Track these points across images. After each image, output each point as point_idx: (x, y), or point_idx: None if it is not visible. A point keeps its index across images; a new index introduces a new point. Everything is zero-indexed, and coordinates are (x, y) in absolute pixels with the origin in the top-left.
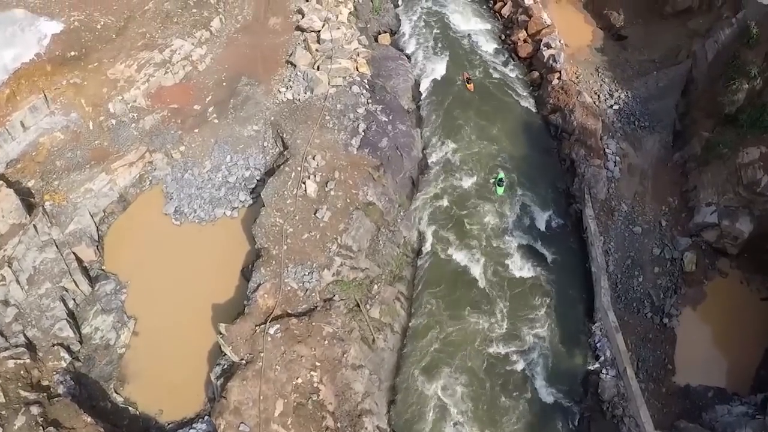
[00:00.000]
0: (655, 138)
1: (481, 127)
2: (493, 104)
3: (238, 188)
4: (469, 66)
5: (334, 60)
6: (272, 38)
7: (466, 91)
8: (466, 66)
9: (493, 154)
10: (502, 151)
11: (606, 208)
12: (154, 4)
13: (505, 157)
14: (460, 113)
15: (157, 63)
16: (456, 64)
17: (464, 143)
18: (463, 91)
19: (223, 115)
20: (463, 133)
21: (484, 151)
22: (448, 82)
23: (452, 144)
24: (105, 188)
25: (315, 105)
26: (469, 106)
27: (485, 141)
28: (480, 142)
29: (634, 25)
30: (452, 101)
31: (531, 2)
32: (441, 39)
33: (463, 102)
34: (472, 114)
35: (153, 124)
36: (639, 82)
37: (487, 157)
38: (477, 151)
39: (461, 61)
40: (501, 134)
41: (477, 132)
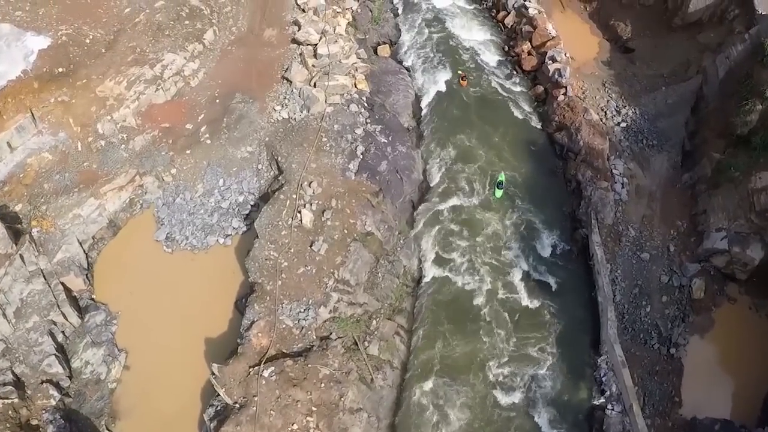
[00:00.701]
0: (664, 157)
1: (484, 146)
2: (497, 121)
3: (232, 214)
4: (472, 79)
5: (332, 76)
6: (267, 51)
7: (465, 99)
8: (468, 77)
9: (496, 175)
10: (506, 171)
11: (613, 233)
12: (145, 16)
13: (510, 177)
14: (462, 131)
15: (148, 79)
16: (457, 76)
17: (466, 163)
18: (465, 107)
19: (216, 135)
20: (466, 152)
21: (488, 172)
22: (449, 97)
23: (454, 164)
24: (94, 214)
25: (311, 125)
26: (472, 124)
27: (488, 161)
28: (483, 162)
29: (642, 37)
30: (454, 118)
31: (535, 12)
32: (442, 50)
33: (465, 119)
34: (474, 132)
35: (143, 145)
36: (647, 98)
37: (490, 178)
38: (480, 172)
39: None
40: (505, 153)
41: (480, 151)
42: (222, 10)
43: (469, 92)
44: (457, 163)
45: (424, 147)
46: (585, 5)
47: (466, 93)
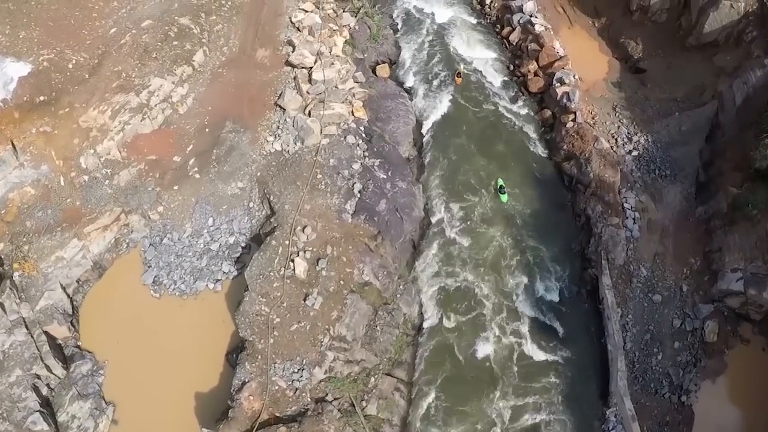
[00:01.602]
0: (677, 189)
1: (488, 177)
2: (502, 149)
3: (222, 258)
4: (475, 102)
5: (327, 104)
6: (260, 74)
7: (468, 124)
8: (469, 101)
9: (500, 209)
10: (511, 204)
11: (624, 273)
12: (131, 37)
13: (514, 210)
14: (465, 160)
15: (134, 108)
16: (460, 100)
17: (470, 195)
18: (468, 134)
19: (205, 169)
20: (469, 184)
21: (492, 205)
22: (451, 122)
23: (457, 197)
24: (77, 256)
25: (305, 159)
26: (476, 152)
27: (492, 193)
28: (487, 194)
29: (654, 56)
30: (456, 146)
31: (542, 29)
32: (444, 70)
33: (468, 147)
34: (478, 160)
35: (129, 180)
36: (660, 124)
37: (494, 209)
38: (483, 205)
39: (466, 97)
40: (511, 185)
41: (484, 182)
42: (213, 29)
43: (472, 117)
44: (459, 196)
45: (425, 179)
46: (593, 21)
47: (469, 119)
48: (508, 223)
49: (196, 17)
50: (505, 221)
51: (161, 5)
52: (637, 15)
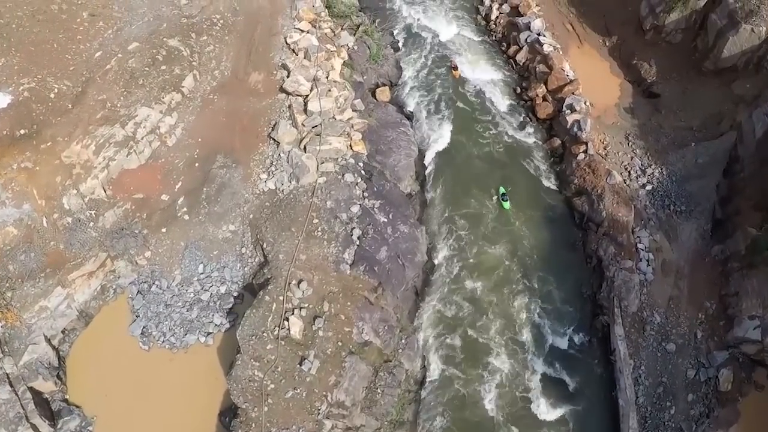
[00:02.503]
0: (692, 226)
1: (494, 213)
2: (509, 181)
3: (213, 309)
4: (481, 129)
5: (324, 138)
6: (253, 102)
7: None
8: (474, 127)
9: (507, 247)
10: (518, 242)
11: (637, 321)
12: (117, 62)
13: (521, 250)
14: (469, 195)
15: (119, 141)
16: (464, 126)
17: (474, 235)
18: (472, 165)
19: (195, 210)
20: (473, 221)
21: (497, 244)
22: (455, 152)
23: (460, 237)
24: (62, 306)
25: (301, 201)
26: (481, 185)
27: (498, 230)
28: (493, 232)
29: (669, 80)
30: (460, 179)
31: (550, 49)
32: (447, 92)
33: (472, 179)
34: (483, 195)
35: (114, 221)
36: (675, 155)
37: (500, 250)
38: (489, 244)
39: (470, 124)
40: (517, 221)
41: (489, 219)
42: (204, 50)
43: (477, 146)
44: (463, 236)
45: (427, 217)
46: (604, 39)
47: (474, 148)
48: (515, 265)
49: (186, 38)
50: (513, 262)
51: (149, 25)
52: (651, 35)
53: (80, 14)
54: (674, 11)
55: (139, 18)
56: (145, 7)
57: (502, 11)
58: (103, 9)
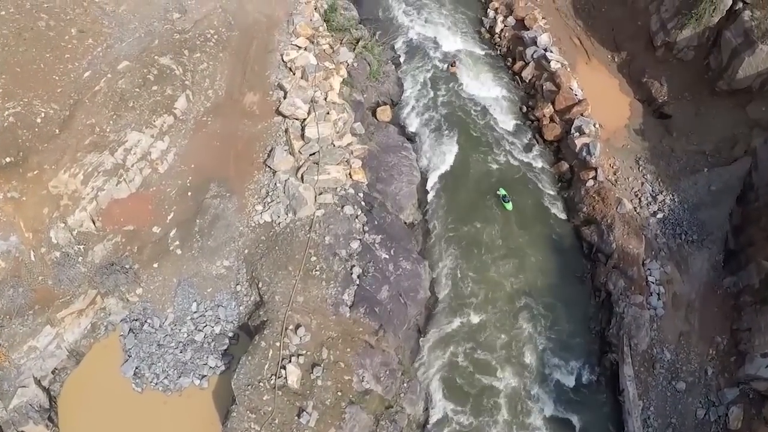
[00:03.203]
0: (704, 256)
1: (498, 241)
2: (515, 207)
3: (207, 350)
4: (485, 151)
5: (322, 167)
6: (248, 125)
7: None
8: (479, 149)
9: (512, 279)
10: (524, 273)
11: (647, 359)
12: (107, 82)
13: (527, 281)
14: (472, 222)
15: (108, 170)
16: (468, 148)
17: (478, 266)
18: (477, 190)
19: (188, 244)
20: (477, 251)
21: (503, 276)
22: (459, 176)
23: (465, 268)
24: (51, 346)
25: (298, 236)
26: (485, 212)
27: (503, 261)
28: (497, 263)
29: (680, 101)
30: (464, 207)
31: (558, 66)
32: (451, 111)
33: (477, 207)
34: (487, 223)
35: (104, 255)
36: (687, 181)
37: (505, 282)
38: (494, 276)
39: (474, 145)
40: (523, 251)
41: (494, 248)
42: (197, 68)
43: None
44: (467, 267)
45: (430, 248)
46: (613, 55)
47: (478, 171)
48: (521, 297)
49: (178, 55)
50: (519, 295)
51: (140, 42)
52: (662, 51)
53: (69, 31)
54: (687, 28)
55: (130, 34)
56: (137, 21)
57: (507, 24)
58: (92, 25)
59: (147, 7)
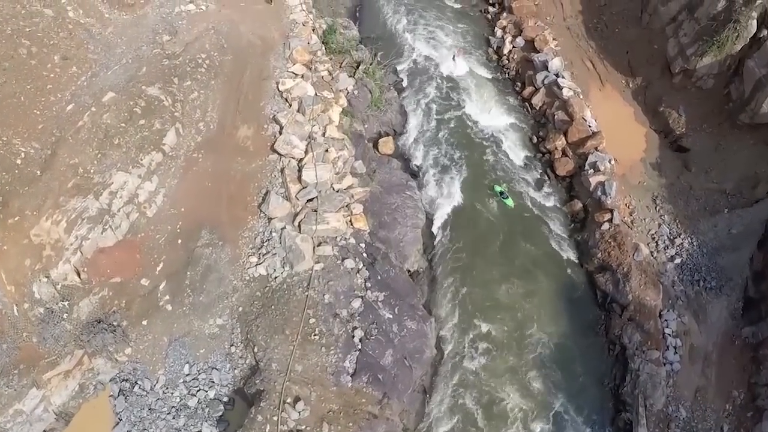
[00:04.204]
0: (722, 304)
1: (507, 288)
2: (524, 250)
3: (201, 417)
4: (494, 186)
5: (321, 216)
6: (242, 163)
7: (485, 219)
8: (487, 186)
9: (522, 330)
10: (534, 323)
11: (662, 419)
12: (90, 117)
13: (538, 332)
14: (480, 267)
15: (93, 216)
16: (476, 184)
17: (486, 316)
18: (485, 232)
19: (178, 299)
20: (485, 298)
21: (512, 326)
22: (466, 216)
23: (471, 319)
24: (38, 410)
25: (295, 294)
26: (494, 257)
27: (513, 310)
28: (506, 313)
29: (699, 133)
30: (471, 250)
31: (570, 94)
32: (457, 142)
33: (485, 249)
34: (495, 269)
35: (90, 311)
36: (706, 223)
37: (515, 333)
38: (503, 327)
39: (482, 180)
40: (533, 298)
41: (502, 297)
42: (187, 98)
43: (490, 208)
44: (474, 316)
45: (435, 297)
46: (627, 80)
47: (486, 211)
48: (531, 350)
49: (167, 84)
50: (529, 347)
51: (127, 70)
52: (679, 78)
53: (52, 58)
54: (707, 55)
55: (116, 60)
56: (124, 46)
57: (515, 45)
58: (77, 50)
59: (135, 29)
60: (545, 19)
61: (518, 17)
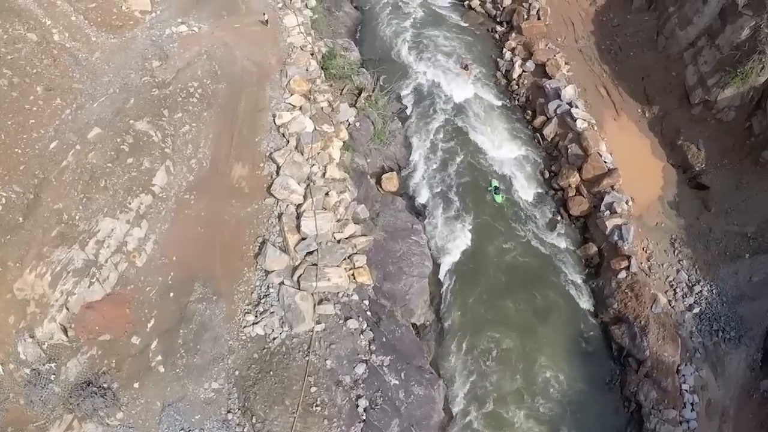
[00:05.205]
0: (741, 355)
1: (518, 341)
2: (536, 298)
3: None
4: (504, 228)
5: (321, 271)
6: (236, 207)
7: (493, 265)
8: (497, 226)
9: (534, 387)
10: (546, 379)
11: None
12: (75, 156)
13: (550, 388)
14: (489, 319)
15: (78, 269)
16: (484, 225)
17: (496, 372)
18: (494, 279)
19: (171, 360)
20: (496, 352)
21: (523, 380)
22: (474, 262)
23: (481, 375)
24: None
25: (295, 359)
26: (503, 306)
27: (524, 364)
28: (517, 367)
29: (719, 169)
30: (480, 300)
31: (584, 125)
32: (464, 176)
33: (494, 298)
34: (505, 320)
35: (79, 372)
36: (726, 270)
37: (526, 391)
38: (514, 384)
39: (491, 220)
40: (545, 351)
41: (513, 351)
42: (178, 131)
43: (499, 252)
44: (484, 373)
45: (443, 353)
46: (643, 109)
47: (496, 255)
48: (543, 406)
49: (156, 117)
50: (541, 402)
51: (114, 101)
52: (699, 109)
53: (34, 89)
54: (730, 87)
55: (103, 90)
56: (111, 73)
57: (525, 69)
58: (61, 79)
59: (123, 54)
60: (556, 40)
61: (528, 38)
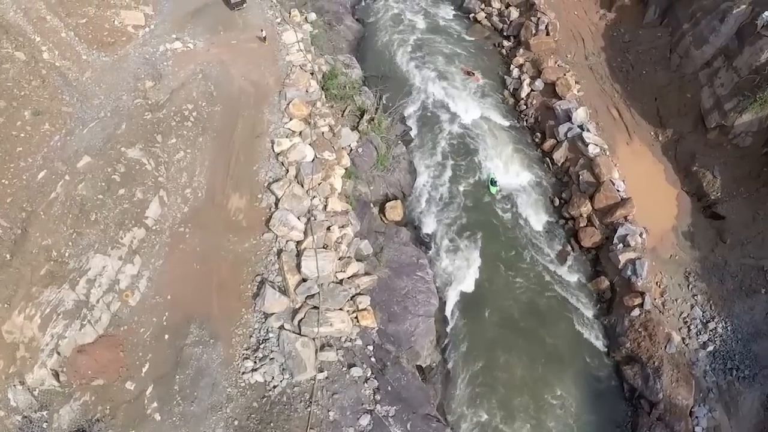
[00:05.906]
0: (755, 394)
1: (526, 379)
2: (545, 335)
3: None
4: (512, 261)
5: (323, 315)
6: (233, 242)
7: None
8: (505, 257)
9: (542, 427)
10: (556, 421)
11: None
12: (64, 188)
13: (559, 427)
14: (497, 358)
15: (69, 310)
16: (492, 257)
17: (505, 412)
18: (502, 316)
19: (167, 407)
20: (504, 391)
21: (531, 422)
22: (482, 298)
23: (490, 417)
24: None
25: (297, 410)
26: (512, 345)
27: (533, 405)
28: (526, 408)
29: (735, 198)
30: (487, 337)
31: (596, 150)
32: (471, 204)
33: (502, 337)
34: (513, 358)
35: (72, 419)
36: (742, 305)
37: (534, 430)
38: (522, 425)
39: (499, 252)
40: (555, 391)
41: (522, 389)
42: (172, 158)
43: (507, 288)
44: (493, 416)
45: (449, 396)
46: (656, 132)
47: (504, 290)
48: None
49: (149, 143)
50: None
51: (105, 127)
52: (714, 134)
53: (22, 114)
54: (748, 112)
55: (93, 114)
56: (102, 95)
57: (534, 88)
58: (50, 102)
59: (115, 74)
60: (565, 57)
61: (536, 54)
